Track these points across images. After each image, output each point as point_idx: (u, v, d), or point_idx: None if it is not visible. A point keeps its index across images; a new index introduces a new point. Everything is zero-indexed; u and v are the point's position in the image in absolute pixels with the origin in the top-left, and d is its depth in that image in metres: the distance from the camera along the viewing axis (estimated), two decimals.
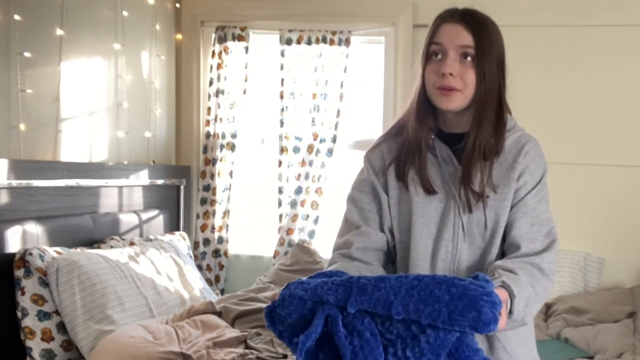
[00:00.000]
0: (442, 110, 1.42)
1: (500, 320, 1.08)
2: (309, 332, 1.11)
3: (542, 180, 1.44)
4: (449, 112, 1.42)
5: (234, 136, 3.90)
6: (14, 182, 2.49)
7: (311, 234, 3.85)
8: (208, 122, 3.92)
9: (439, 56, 1.38)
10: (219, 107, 3.88)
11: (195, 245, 3.91)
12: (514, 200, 1.42)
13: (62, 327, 2.40)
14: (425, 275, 1.12)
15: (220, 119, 3.88)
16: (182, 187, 3.84)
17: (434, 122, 1.46)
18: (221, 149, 3.90)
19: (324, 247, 3.85)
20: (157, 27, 3.70)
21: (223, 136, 3.89)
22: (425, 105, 1.43)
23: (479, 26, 1.38)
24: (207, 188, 3.92)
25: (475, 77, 1.36)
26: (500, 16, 3.57)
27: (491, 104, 1.40)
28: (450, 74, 1.35)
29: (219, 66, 3.87)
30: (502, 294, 1.17)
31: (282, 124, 3.82)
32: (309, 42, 3.79)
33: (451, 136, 1.45)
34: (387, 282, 1.11)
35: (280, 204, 3.86)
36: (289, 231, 3.83)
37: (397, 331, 1.10)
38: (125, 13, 3.35)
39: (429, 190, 1.44)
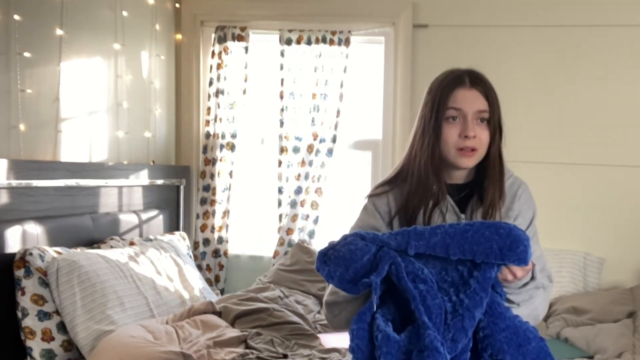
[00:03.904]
0: (458, 166, 1.50)
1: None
2: (378, 273, 1.23)
3: (533, 221, 1.56)
4: (461, 168, 1.52)
5: (233, 136, 3.90)
6: (14, 182, 2.49)
7: (311, 234, 3.85)
8: (208, 122, 3.92)
9: (457, 119, 1.48)
10: (219, 107, 3.88)
11: (195, 245, 3.91)
12: None
13: (62, 327, 2.40)
14: (475, 221, 1.28)
15: (220, 119, 3.88)
16: (182, 187, 3.85)
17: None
18: (221, 149, 3.90)
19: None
20: (157, 27, 3.70)
21: (223, 136, 3.89)
22: (441, 161, 1.50)
23: (490, 90, 1.50)
24: (207, 188, 3.92)
25: (488, 137, 1.50)
26: (496, 16, 3.60)
27: (498, 160, 1.52)
28: (474, 136, 1.47)
29: (219, 66, 3.87)
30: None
31: (282, 124, 3.83)
32: (308, 42, 3.79)
33: (453, 187, 1.54)
34: (442, 229, 1.27)
35: (280, 204, 3.86)
36: (289, 231, 3.83)
37: (450, 279, 1.26)
38: (125, 13, 3.36)
39: None
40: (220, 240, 3.92)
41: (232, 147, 3.89)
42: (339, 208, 4.01)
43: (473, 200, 1.52)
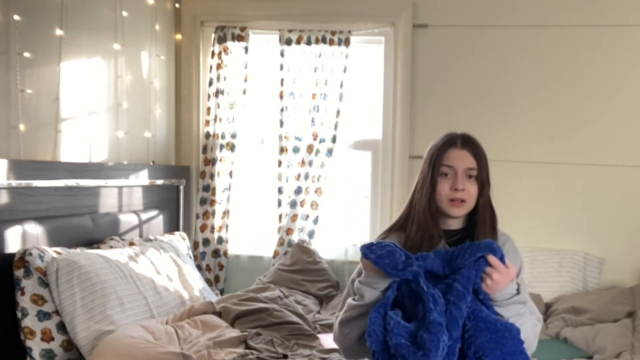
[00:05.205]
0: (450, 215, 1.73)
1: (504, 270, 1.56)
2: (418, 266, 1.56)
3: (520, 274, 1.72)
4: (452, 216, 1.74)
5: (233, 136, 3.90)
6: (14, 182, 2.49)
7: (311, 234, 3.85)
8: (208, 122, 3.92)
9: (449, 175, 1.71)
10: (219, 107, 3.88)
11: (195, 246, 3.91)
12: None
13: (62, 327, 2.40)
14: (455, 248, 1.60)
15: (220, 119, 3.88)
16: (182, 187, 3.84)
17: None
18: (221, 149, 3.90)
19: (324, 247, 3.85)
20: (157, 27, 3.70)
21: (223, 136, 3.89)
22: (437, 210, 1.72)
23: (479, 151, 1.74)
24: (206, 188, 3.92)
25: (477, 190, 1.72)
26: (496, 16, 3.60)
27: (488, 209, 1.74)
28: (462, 189, 1.69)
29: (219, 66, 3.87)
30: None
31: (281, 124, 3.83)
32: (308, 42, 3.79)
33: (447, 232, 1.75)
34: (439, 254, 1.60)
35: (280, 204, 3.86)
36: (289, 231, 3.83)
37: (441, 291, 1.54)
38: (125, 13, 3.36)
39: None
40: (220, 240, 3.92)
41: (232, 147, 3.89)
42: (339, 208, 4.01)
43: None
